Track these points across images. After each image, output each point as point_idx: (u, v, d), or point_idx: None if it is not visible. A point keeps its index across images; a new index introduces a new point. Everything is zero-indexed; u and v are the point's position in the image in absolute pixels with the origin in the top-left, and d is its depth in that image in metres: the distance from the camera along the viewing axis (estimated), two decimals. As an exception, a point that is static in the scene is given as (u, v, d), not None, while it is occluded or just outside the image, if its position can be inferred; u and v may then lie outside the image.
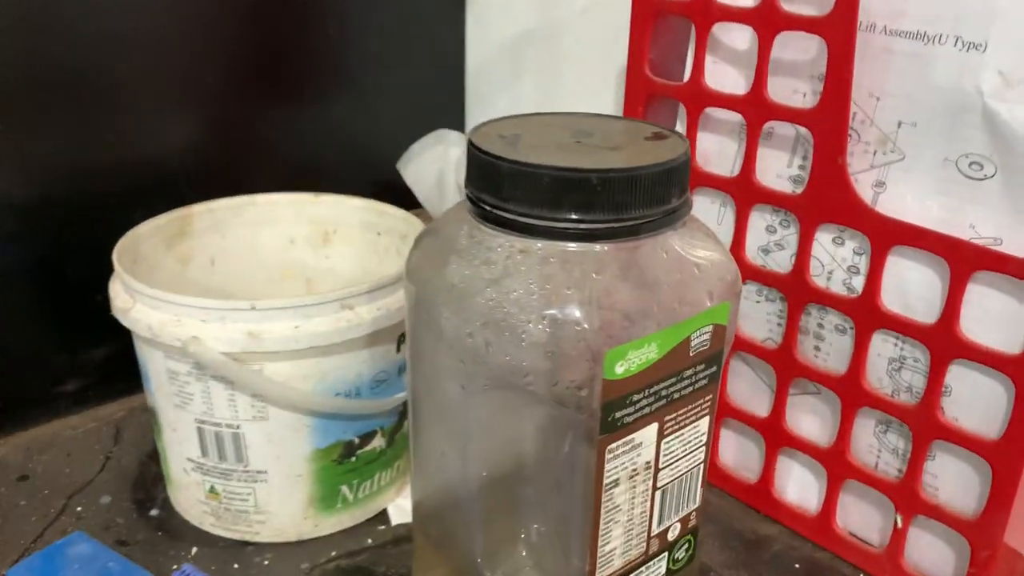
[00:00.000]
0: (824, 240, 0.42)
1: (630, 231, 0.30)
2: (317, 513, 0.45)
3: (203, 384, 0.41)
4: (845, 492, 0.45)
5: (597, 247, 0.29)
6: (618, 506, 0.32)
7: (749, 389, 0.48)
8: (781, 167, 0.43)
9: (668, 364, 0.31)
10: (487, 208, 0.31)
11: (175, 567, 0.42)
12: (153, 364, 0.42)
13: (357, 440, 0.44)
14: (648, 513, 0.33)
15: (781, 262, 0.44)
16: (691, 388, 0.32)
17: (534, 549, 0.34)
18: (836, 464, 0.44)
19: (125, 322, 0.41)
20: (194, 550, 0.44)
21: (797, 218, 0.42)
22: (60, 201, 0.51)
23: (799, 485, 0.47)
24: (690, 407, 0.33)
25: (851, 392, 0.43)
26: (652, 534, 0.34)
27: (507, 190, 0.29)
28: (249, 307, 0.39)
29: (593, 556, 0.32)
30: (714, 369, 0.33)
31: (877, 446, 0.43)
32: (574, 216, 0.29)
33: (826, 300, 0.42)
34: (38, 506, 0.47)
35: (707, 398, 0.33)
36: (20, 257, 0.50)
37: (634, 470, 0.32)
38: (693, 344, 0.31)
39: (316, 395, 0.42)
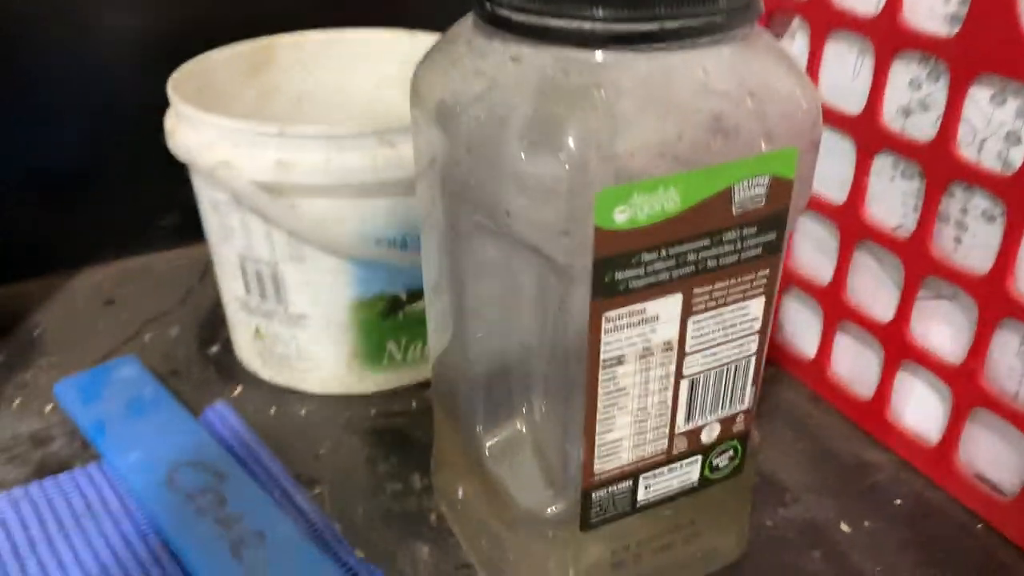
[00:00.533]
0: (980, 98, 0.32)
1: (647, 36, 0.23)
2: (362, 367, 0.42)
3: (241, 216, 0.39)
4: (975, 422, 0.36)
5: (600, 55, 0.23)
6: (623, 389, 0.26)
7: (873, 287, 0.39)
8: (936, 3, 0.33)
9: (697, 220, 0.24)
10: (483, 6, 0.25)
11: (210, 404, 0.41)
12: (200, 193, 0.40)
13: (404, 295, 0.41)
14: (670, 405, 0.27)
15: (924, 127, 0.35)
16: (735, 257, 0.25)
17: (534, 428, 0.29)
18: (966, 387, 0.35)
19: (170, 146, 0.39)
20: (239, 389, 0.43)
21: (948, 67, 0.33)
22: (171, 33, 0.50)
23: (919, 408, 0.39)
24: (734, 281, 0.26)
25: (994, 298, 0.33)
26: (677, 431, 0.28)
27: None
28: (277, 132, 0.36)
29: (591, 443, 0.27)
30: (772, 236, 0.26)
31: (1020, 370, 0.34)
32: (575, 13, 0.23)
33: (974, 177, 0.33)
34: (114, 330, 0.48)
35: (761, 273, 0.26)
36: (131, 89, 0.50)
37: (646, 348, 0.26)
38: (738, 198, 0.24)
39: (352, 239, 0.38)
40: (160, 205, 0.54)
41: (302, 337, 0.41)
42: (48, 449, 0.39)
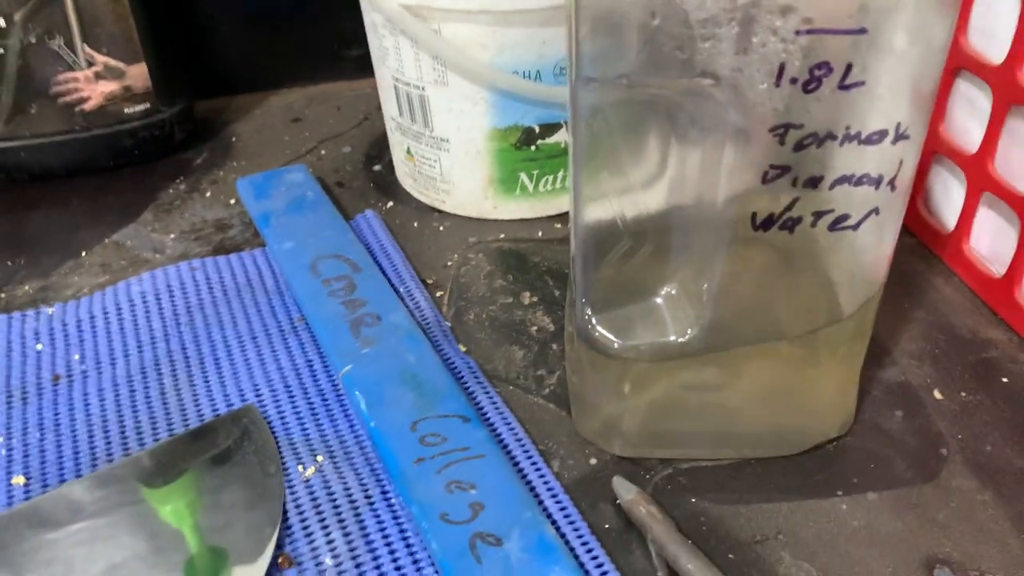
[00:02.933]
0: None
1: None
2: (496, 194, 0.45)
3: (394, 39, 0.42)
4: (1105, 308, 0.34)
5: None
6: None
7: (1022, 160, 0.37)
8: None
9: None
10: None
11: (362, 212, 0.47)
12: (364, 16, 0.44)
13: (538, 128, 0.43)
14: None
15: (1096, -22, 0.32)
16: None
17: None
18: (1100, 269, 0.33)
19: (340, -31, 0.43)
20: (390, 204, 0.48)
21: None
22: None
23: (1052, 290, 0.37)
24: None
25: None
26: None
27: None
28: (425, -42, 0.38)
29: (652, 260, 0.28)
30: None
31: None
32: None
33: None
34: (296, 143, 0.54)
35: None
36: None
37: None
38: None
39: (490, 67, 0.40)
40: (350, 36, 0.59)
41: (444, 160, 0.45)
42: (227, 234, 0.46)
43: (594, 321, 0.31)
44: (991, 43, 0.37)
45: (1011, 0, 0.35)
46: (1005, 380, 0.36)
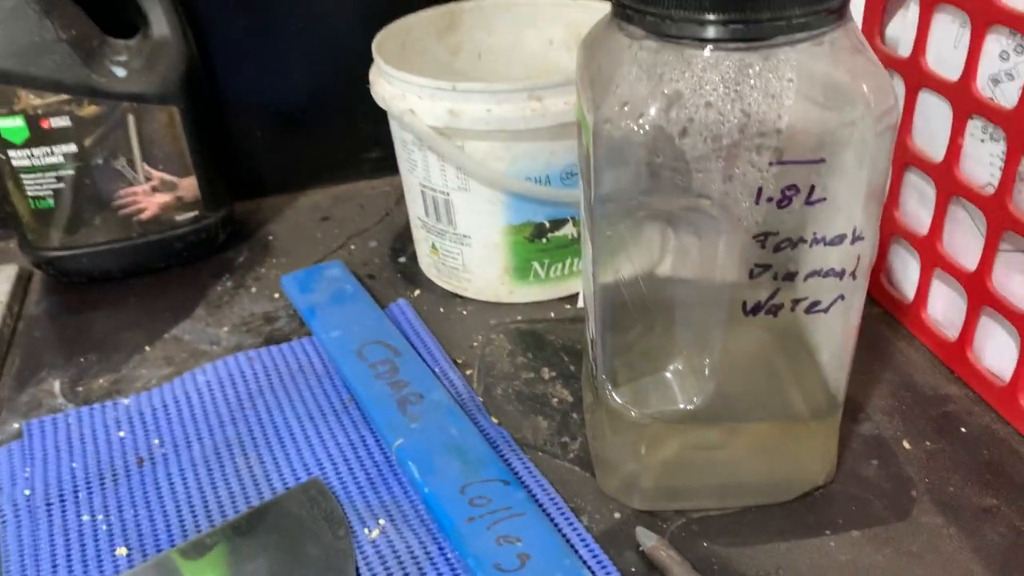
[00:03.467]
0: (1054, 71, 0.36)
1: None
2: (512, 281, 0.51)
3: (422, 153, 0.48)
4: (1041, 365, 0.40)
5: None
6: (687, 300, 0.34)
7: (964, 239, 0.43)
8: (1026, -19, 0.37)
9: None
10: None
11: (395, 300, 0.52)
12: (393, 133, 0.51)
13: (547, 224, 0.49)
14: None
15: (1009, 95, 0.39)
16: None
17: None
18: (1034, 332, 0.39)
19: (372, 94, 0.50)
20: (417, 292, 0.54)
21: (1029, 43, 0.37)
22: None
23: (997, 351, 0.43)
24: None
25: (1057, 252, 0.37)
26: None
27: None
28: (451, 88, 0.45)
29: (661, 342, 0.34)
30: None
31: (1079, 318, 0.38)
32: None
33: (1045, 142, 0.37)
34: (328, 240, 0.60)
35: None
36: (350, 43, 0.61)
37: (706, 269, 0.33)
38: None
39: (506, 175, 0.47)
40: (368, 141, 0.66)
41: (467, 253, 0.51)
42: (275, 326, 0.52)
43: (613, 394, 0.37)
44: (932, 145, 0.44)
45: (945, 111, 0.42)
46: (963, 430, 0.42)
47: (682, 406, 0.36)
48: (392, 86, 0.48)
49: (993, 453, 0.41)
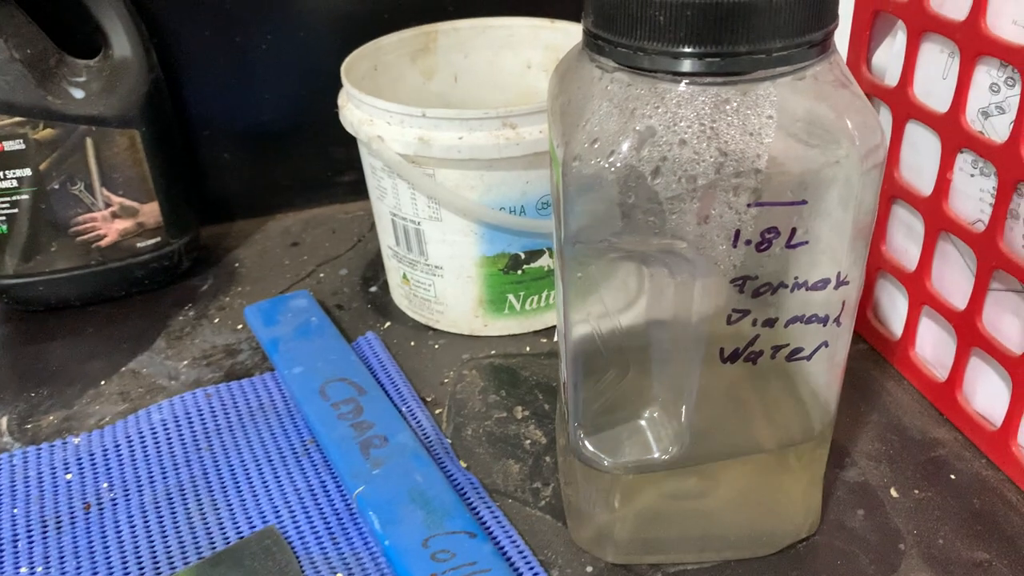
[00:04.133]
0: (1047, 105, 0.34)
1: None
2: (486, 314, 0.49)
3: (392, 181, 0.46)
4: (1034, 411, 0.38)
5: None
6: (661, 346, 0.32)
7: (954, 276, 0.42)
8: (1018, 12, 0.35)
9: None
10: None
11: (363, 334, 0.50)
12: (363, 160, 0.49)
13: (523, 255, 0.47)
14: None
15: (1000, 129, 0.37)
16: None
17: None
18: (1027, 376, 0.38)
19: (340, 118, 0.48)
20: (387, 324, 0.52)
21: (1022, 75, 0.35)
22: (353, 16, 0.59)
23: (988, 393, 0.41)
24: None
25: (1051, 295, 0.35)
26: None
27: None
28: (421, 114, 0.43)
29: (635, 389, 0.33)
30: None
31: (1074, 364, 0.36)
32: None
33: (1038, 180, 0.35)
34: (296, 267, 0.58)
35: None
36: (322, 67, 0.59)
37: (682, 314, 0.31)
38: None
39: (479, 205, 0.45)
40: (341, 164, 0.64)
41: (439, 284, 0.49)
42: (236, 359, 0.49)
43: (585, 442, 0.35)
44: (920, 178, 0.42)
45: (934, 143, 0.41)
46: (952, 477, 0.40)
47: (657, 456, 0.34)
48: (360, 111, 0.46)
49: (984, 502, 0.39)
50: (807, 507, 0.37)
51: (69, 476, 0.42)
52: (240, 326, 0.52)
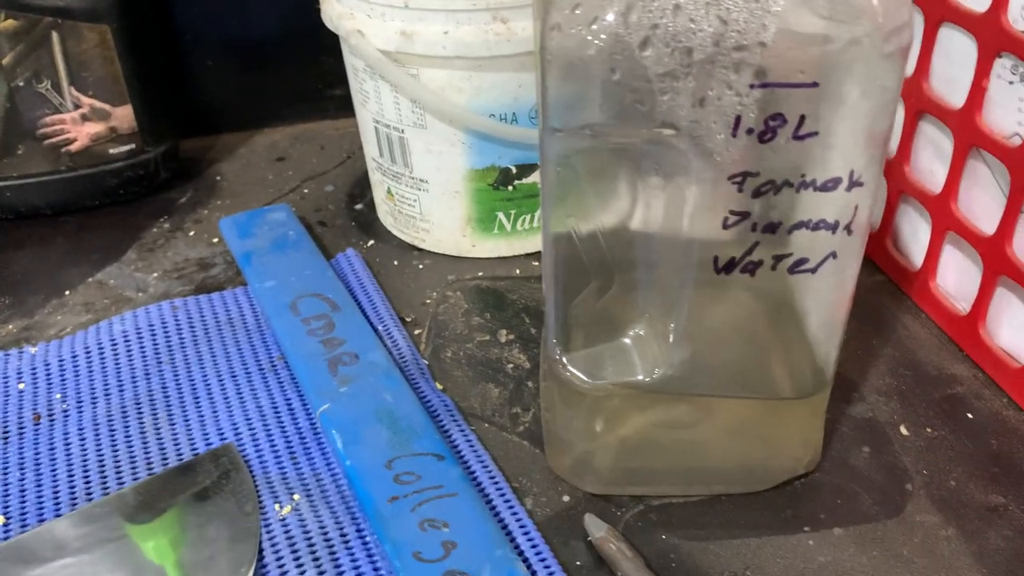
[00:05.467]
0: (1102, -4, 0.30)
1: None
2: (474, 233, 0.46)
3: (375, 83, 0.43)
4: (1064, 346, 0.35)
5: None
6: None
7: (983, 198, 0.38)
8: None
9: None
10: None
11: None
12: (345, 60, 0.45)
13: (514, 169, 0.44)
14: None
15: (1045, 28, 0.33)
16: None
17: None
18: (1058, 307, 0.34)
19: (322, 14, 0.44)
20: (371, 242, 0.49)
21: (1074, -37, 0.31)
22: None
23: (1014, 327, 0.37)
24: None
25: (1092, 214, 0.32)
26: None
27: None
28: (403, 5, 0.39)
29: (619, 302, 0.29)
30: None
31: (1113, 292, 0.32)
32: None
33: (1085, 83, 0.31)
34: (280, 182, 0.55)
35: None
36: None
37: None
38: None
39: (466, 110, 0.41)
40: (332, 76, 0.60)
41: (424, 200, 0.46)
42: (209, 273, 0.47)
43: (565, 360, 0.32)
44: (952, 89, 0.38)
45: (970, 48, 0.36)
46: (970, 416, 0.37)
47: (641, 377, 0.31)
48: (341, 3, 0.42)
49: (1003, 444, 0.35)
50: (807, 441, 0.34)
51: (22, 386, 0.39)
52: (216, 240, 0.49)
